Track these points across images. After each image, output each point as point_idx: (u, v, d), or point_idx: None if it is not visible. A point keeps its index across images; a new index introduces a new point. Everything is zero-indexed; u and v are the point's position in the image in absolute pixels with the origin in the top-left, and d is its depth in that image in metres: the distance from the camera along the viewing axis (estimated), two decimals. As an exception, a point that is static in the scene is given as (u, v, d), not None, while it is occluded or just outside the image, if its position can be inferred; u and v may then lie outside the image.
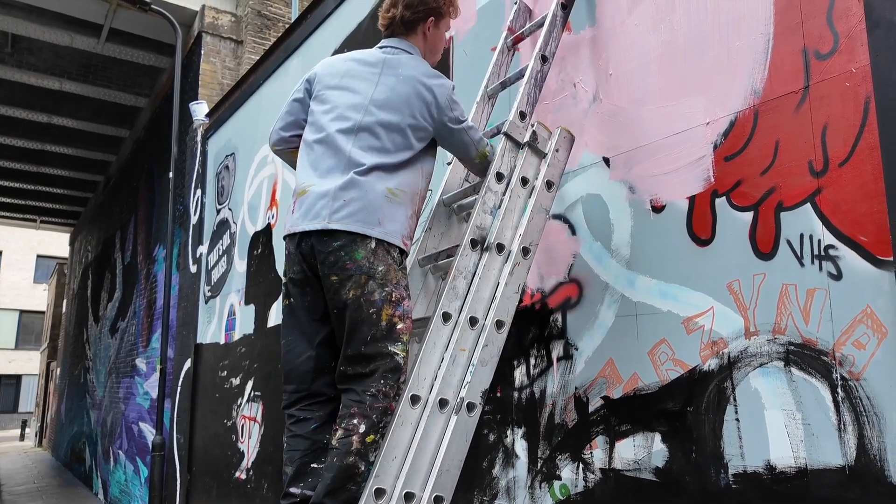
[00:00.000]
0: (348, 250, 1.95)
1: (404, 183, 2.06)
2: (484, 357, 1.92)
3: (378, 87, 2.12)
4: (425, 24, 2.26)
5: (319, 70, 2.24)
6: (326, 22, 4.78)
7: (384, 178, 2.02)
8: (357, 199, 1.98)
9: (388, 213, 2.00)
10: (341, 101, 2.12)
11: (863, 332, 1.64)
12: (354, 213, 1.97)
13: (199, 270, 6.80)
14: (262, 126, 5.63)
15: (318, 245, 1.98)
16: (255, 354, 5.19)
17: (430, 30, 2.28)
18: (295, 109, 2.26)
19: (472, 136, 2.20)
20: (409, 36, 2.26)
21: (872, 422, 1.60)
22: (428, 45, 2.30)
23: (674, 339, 2.09)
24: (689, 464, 1.99)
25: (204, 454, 6.04)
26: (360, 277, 1.93)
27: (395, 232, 2.02)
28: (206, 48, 7.93)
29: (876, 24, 1.68)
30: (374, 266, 1.95)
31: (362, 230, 1.95)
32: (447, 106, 2.13)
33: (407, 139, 2.08)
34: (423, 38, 2.28)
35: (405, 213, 2.06)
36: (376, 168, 2.02)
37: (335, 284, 1.95)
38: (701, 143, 2.10)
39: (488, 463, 2.67)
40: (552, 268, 2.53)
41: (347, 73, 2.18)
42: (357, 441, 1.81)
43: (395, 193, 2.03)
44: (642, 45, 2.32)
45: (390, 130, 2.07)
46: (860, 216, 1.68)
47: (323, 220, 1.98)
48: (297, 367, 2.09)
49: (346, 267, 1.94)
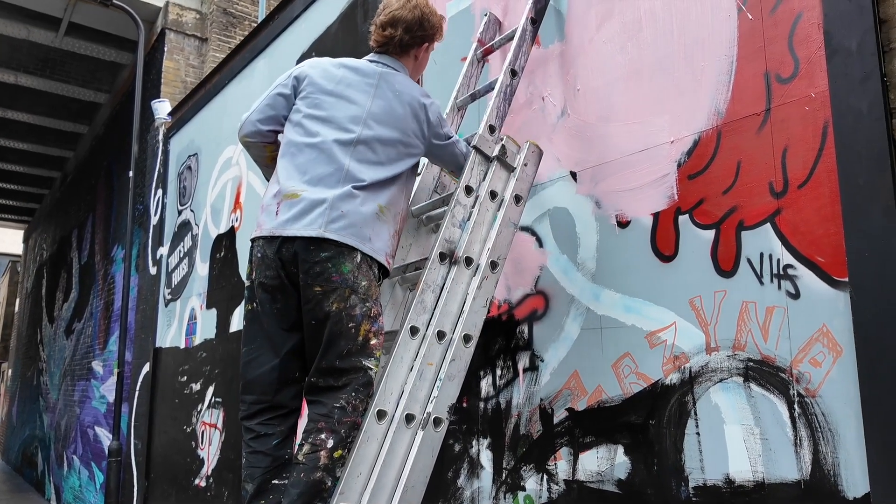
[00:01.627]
0: (335, 262, 1.92)
1: (392, 201, 2.07)
2: (451, 371, 1.92)
3: (375, 100, 2.11)
4: (420, 48, 2.28)
5: (311, 71, 2.18)
6: (294, 24, 4.73)
7: (376, 195, 2.03)
8: (353, 212, 1.97)
9: (376, 230, 2.01)
10: (340, 111, 2.09)
11: (819, 351, 1.70)
12: (349, 227, 1.96)
13: (158, 272, 6.67)
14: (227, 126, 5.55)
15: (304, 253, 1.94)
16: (216, 359, 5.11)
17: (422, 54, 2.31)
18: (277, 104, 2.17)
19: (462, 149, 2.26)
20: (402, 57, 2.26)
21: (827, 437, 1.65)
22: (416, 67, 2.33)
23: (637, 353, 2.13)
24: (650, 476, 2.03)
25: (162, 460, 5.91)
26: (344, 291, 1.91)
27: (381, 249, 2.02)
28: (169, 45, 7.78)
29: (835, 52, 1.73)
30: (358, 280, 1.94)
31: (355, 244, 1.95)
32: (438, 124, 2.18)
33: (399, 156, 2.09)
34: (413, 60, 2.29)
35: (389, 232, 2.06)
36: (372, 184, 2.02)
37: (318, 295, 1.92)
38: (665, 161, 2.14)
39: (453, 473, 2.68)
40: (519, 279, 2.55)
41: (342, 80, 2.14)
42: (325, 456, 1.79)
43: (383, 211, 2.03)
44: (610, 63, 2.36)
45: (385, 146, 2.07)
46: (818, 237, 1.74)
47: (318, 228, 1.93)
48: (260, 377, 2.02)
49: (332, 279, 1.92)
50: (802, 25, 1.83)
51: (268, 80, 4.96)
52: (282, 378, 2.01)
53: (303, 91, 2.14)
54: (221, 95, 5.78)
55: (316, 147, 2.04)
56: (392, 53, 2.24)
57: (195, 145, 6.23)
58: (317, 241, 1.93)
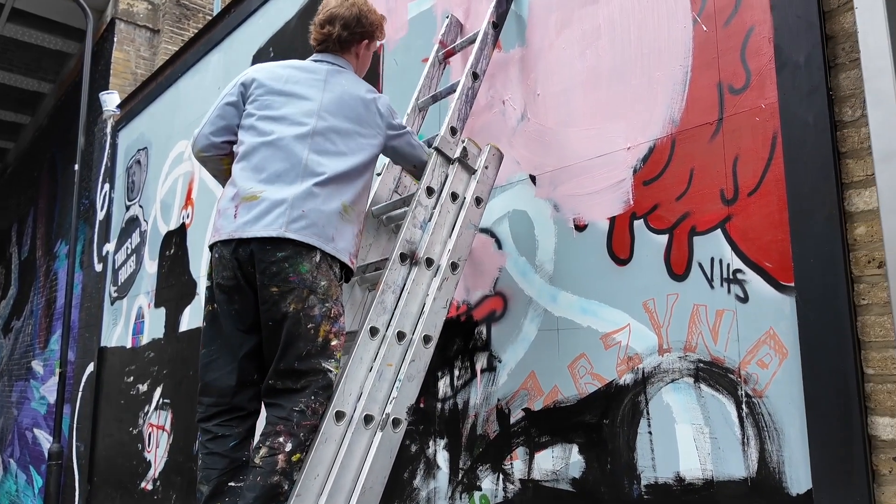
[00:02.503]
0: (293, 262, 1.90)
1: (356, 199, 2.06)
2: (411, 372, 1.93)
3: (325, 93, 2.11)
4: (359, 45, 2.29)
5: (257, 75, 2.16)
6: (251, 18, 4.65)
7: (339, 192, 2.01)
8: (314, 211, 1.94)
9: (340, 229, 1.99)
10: (292, 107, 2.07)
11: (766, 353, 1.76)
12: (311, 226, 1.93)
13: (104, 269, 6.46)
14: (179, 120, 5.42)
15: (260, 253, 1.91)
16: (164, 360, 4.98)
17: (363, 51, 2.31)
18: (228, 114, 2.15)
19: (418, 141, 2.27)
20: (343, 54, 2.27)
21: (773, 436, 1.72)
22: (359, 64, 2.33)
23: (592, 354, 2.17)
24: (604, 475, 2.07)
25: (107, 463, 5.73)
26: (302, 291, 1.89)
27: (344, 249, 2.01)
28: (119, 35, 7.55)
29: (784, 65, 1.80)
30: (317, 281, 1.91)
31: (316, 243, 1.92)
32: (390, 114, 2.19)
33: (358, 147, 2.08)
34: (355, 57, 2.30)
35: (353, 231, 2.05)
36: (334, 179, 2.00)
37: (275, 296, 1.90)
38: (621, 166, 2.19)
39: (409, 474, 2.68)
40: (478, 280, 2.57)
41: (290, 79, 2.13)
42: (283, 460, 1.76)
43: (347, 210, 2.02)
44: (569, 69, 2.40)
45: (343, 136, 2.06)
46: (766, 243, 1.80)
47: (279, 229, 1.90)
48: (218, 379, 2.00)
49: (289, 279, 1.89)
50: (754, 38, 1.90)
51: (223, 75, 4.87)
52: (240, 380, 1.98)
53: (251, 95, 2.13)
54: (174, 89, 5.64)
55: (272, 144, 2.02)
56: (332, 51, 2.25)
57: (145, 139, 6.06)
58: (274, 240, 1.90)
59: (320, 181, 1.97)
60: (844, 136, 1.68)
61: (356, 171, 2.06)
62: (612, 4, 2.30)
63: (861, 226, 1.62)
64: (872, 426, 1.54)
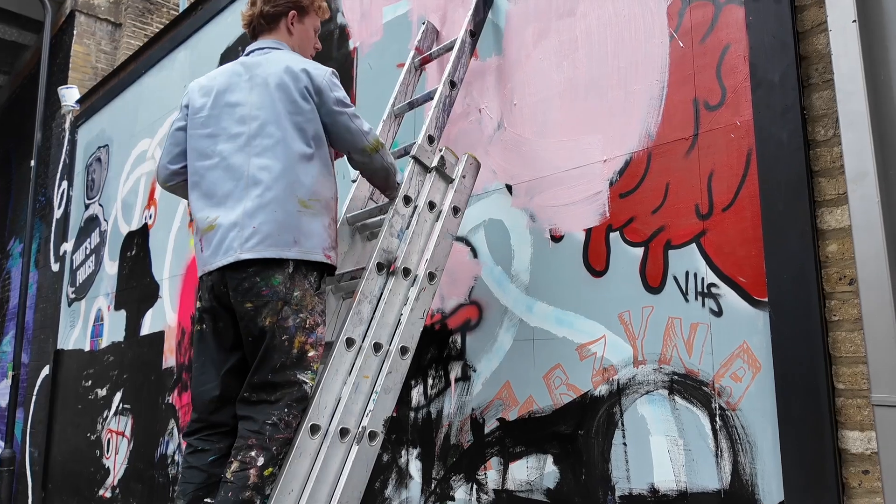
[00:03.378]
0: (264, 276, 1.86)
1: (317, 189, 1.96)
2: (388, 384, 1.91)
3: (253, 89, 2.02)
4: (287, 18, 2.16)
5: (192, 93, 2.12)
6: (220, 16, 4.56)
7: (292, 189, 1.92)
8: (267, 221, 1.88)
9: (304, 228, 1.91)
10: (225, 119, 2.01)
11: (740, 366, 1.79)
12: (266, 238, 1.87)
13: (62, 269, 6.26)
14: (143, 118, 5.29)
15: (230, 273, 1.89)
16: (125, 364, 4.85)
17: (294, 24, 2.18)
18: (180, 139, 2.11)
19: (360, 125, 2.05)
20: (273, 32, 2.17)
21: (746, 449, 1.75)
22: (295, 40, 2.18)
23: (568, 365, 2.18)
24: (578, 485, 2.08)
25: (62, 470, 5.56)
26: (276, 304, 1.85)
27: (315, 247, 1.93)
28: (79, 28, 7.32)
29: (759, 84, 1.84)
30: (291, 291, 1.87)
31: (277, 254, 1.86)
32: (328, 87, 2.00)
33: (301, 135, 1.96)
34: (287, 33, 2.17)
35: (323, 223, 1.96)
36: (281, 178, 1.91)
37: (250, 312, 1.86)
38: (598, 179, 2.20)
39: (381, 483, 2.66)
40: (453, 289, 2.56)
41: (220, 88, 2.06)
42: (254, 475, 1.73)
43: (307, 205, 1.93)
44: (546, 80, 2.41)
45: (280, 125, 1.95)
46: (740, 258, 1.83)
47: (235, 253, 1.87)
48: (202, 395, 2.00)
49: (262, 294, 1.85)
50: (730, 56, 1.93)
51: (189, 72, 4.76)
52: (222, 396, 1.97)
53: (191, 116, 2.09)
54: (137, 85, 5.50)
55: (216, 167, 1.99)
56: (261, 32, 2.18)
57: (106, 136, 5.90)
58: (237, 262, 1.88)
59: (266, 186, 1.91)
60: (817, 154, 1.72)
61: (304, 157, 1.95)
62: (590, 17, 2.31)
63: (833, 243, 1.66)
64: (843, 440, 1.58)
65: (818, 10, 1.76)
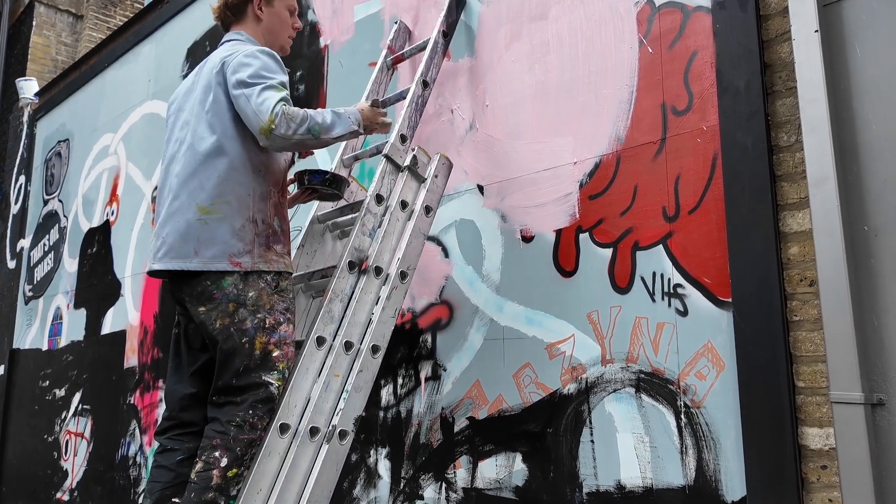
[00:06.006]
0: (213, 279, 1.84)
1: (224, 190, 1.84)
2: (358, 383, 1.90)
3: (194, 91, 1.99)
4: (254, 4, 2.09)
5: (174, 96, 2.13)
6: (187, 10, 4.49)
7: (194, 195, 1.85)
8: (171, 232, 1.87)
9: (203, 237, 1.83)
10: (176, 129, 2.01)
11: (704, 365, 1.84)
12: (170, 251, 1.86)
13: (18, 266, 6.08)
14: (105, 113, 5.17)
15: (184, 279, 1.89)
16: (84, 364, 4.74)
17: (263, 9, 2.10)
18: None
19: (256, 104, 1.79)
20: (241, 23, 2.10)
21: (710, 445, 1.79)
22: (263, 26, 2.10)
23: (537, 364, 2.20)
24: (546, 483, 2.11)
25: (17, 472, 5.39)
26: (227, 305, 1.82)
27: (218, 255, 1.83)
28: (38, 19, 7.13)
29: (725, 90, 1.89)
30: (244, 292, 1.84)
31: (178, 266, 1.84)
32: (232, 69, 1.86)
33: (209, 131, 1.87)
34: (254, 20, 2.09)
35: (230, 228, 1.84)
36: (184, 184, 1.87)
37: (202, 315, 1.85)
38: (568, 180, 2.23)
39: (349, 483, 2.65)
40: (424, 288, 2.57)
41: (180, 91, 2.08)
42: (217, 475, 1.70)
43: (208, 210, 1.84)
44: (518, 82, 2.43)
45: (201, 132, 1.89)
46: (705, 260, 1.88)
47: (153, 262, 1.92)
48: (173, 393, 2.00)
49: (213, 296, 1.83)
50: (697, 63, 1.98)
51: (154, 67, 4.68)
52: (191, 396, 1.96)
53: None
54: (100, 79, 5.37)
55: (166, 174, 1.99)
56: (229, 24, 2.13)
57: (66, 130, 5.75)
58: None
59: (174, 195, 1.88)
60: (780, 160, 1.77)
61: (210, 156, 1.85)
62: (562, 22, 2.34)
63: (794, 246, 1.71)
64: (802, 436, 1.63)
65: (782, 19, 1.82)
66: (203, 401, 1.92)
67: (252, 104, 1.81)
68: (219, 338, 1.82)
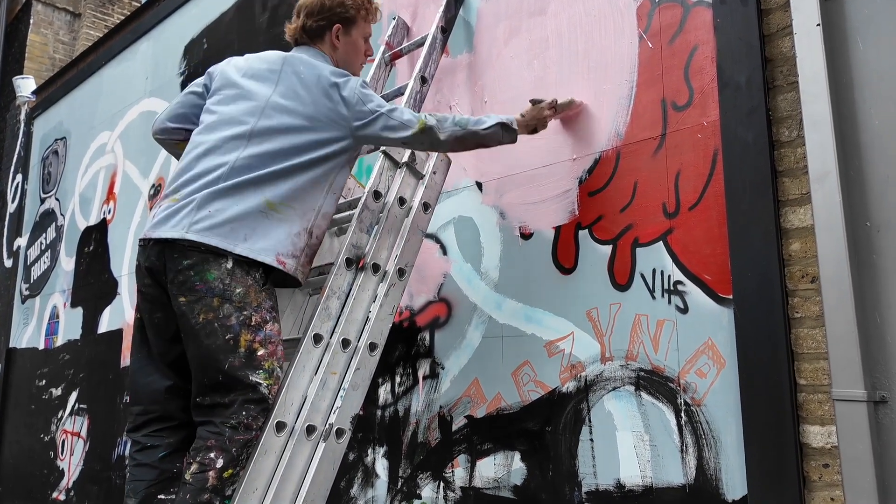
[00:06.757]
0: (198, 270, 1.77)
1: (291, 196, 1.87)
2: (356, 381, 1.88)
3: (278, 86, 1.97)
4: (331, 32, 2.11)
5: (224, 66, 2.08)
6: (184, 7, 4.47)
7: (263, 190, 1.85)
8: (223, 210, 1.80)
9: (259, 228, 1.82)
10: (240, 103, 1.96)
11: (704, 362, 1.82)
12: (216, 227, 1.79)
13: (15, 265, 6.06)
14: (102, 110, 5.15)
15: (169, 262, 1.80)
16: (81, 363, 4.71)
17: (340, 38, 2.13)
18: (188, 102, 2.10)
19: (400, 118, 1.97)
20: (316, 45, 2.13)
21: (710, 444, 1.77)
22: (339, 54, 2.14)
23: (536, 362, 2.18)
24: (545, 482, 2.09)
25: (13, 472, 5.37)
26: (211, 300, 1.76)
27: (267, 249, 1.83)
28: (36, 17, 7.11)
29: (726, 85, 1.87)
30: (230, 287, 1.78)
31: (222, 245, 1.78)
32: (358, 101, 1.95)
33: (307, 146, 1.91)
34: (331, 47, 2.13)
35: (287, 231, 1.86)
36: (262, 179, 1.85)
37: (183, 306, 1.78)
38: (567, 177, 2.21)
39: (346, 483, 2.63)
40: (422, 286, 2.55)
41: (248, 72, 2.02)
42: (213, 477, 1.68)
43: (275, 208, 1.84)
44: (516, 78, 2.41)
45: (287, 135, 1.90)
46: (705, 256, 1.86)
47: (182, 231, 1.78)
48: (145, 387, 1.91)
49: (196, 288, 1.77)
50: (697, 58, 1.96)
51: (152, 64, 4.66)
52: (169, 388, 1.90)
53: (212, 88, 2.05)
54: (97, 77, 5.35)
55: (208, 143, 1.92)
56: (304, 43, 2.14)
57: (63, 128, 5.73)
58: (181, 247, 1.79)
59: (240, 181, 1.84)
60: (781, 155, 1.76)
61: (296, 169, 1.89)
62: (561, 17, 2.33)
63: (796, 242, 1.70)
64: (804, 434, 1.62)
65: (783, 13, 1.80)
66: (180, 392, 1.87)
67: (399, 117, 1.96)
68: (201, 332, 1.76)
